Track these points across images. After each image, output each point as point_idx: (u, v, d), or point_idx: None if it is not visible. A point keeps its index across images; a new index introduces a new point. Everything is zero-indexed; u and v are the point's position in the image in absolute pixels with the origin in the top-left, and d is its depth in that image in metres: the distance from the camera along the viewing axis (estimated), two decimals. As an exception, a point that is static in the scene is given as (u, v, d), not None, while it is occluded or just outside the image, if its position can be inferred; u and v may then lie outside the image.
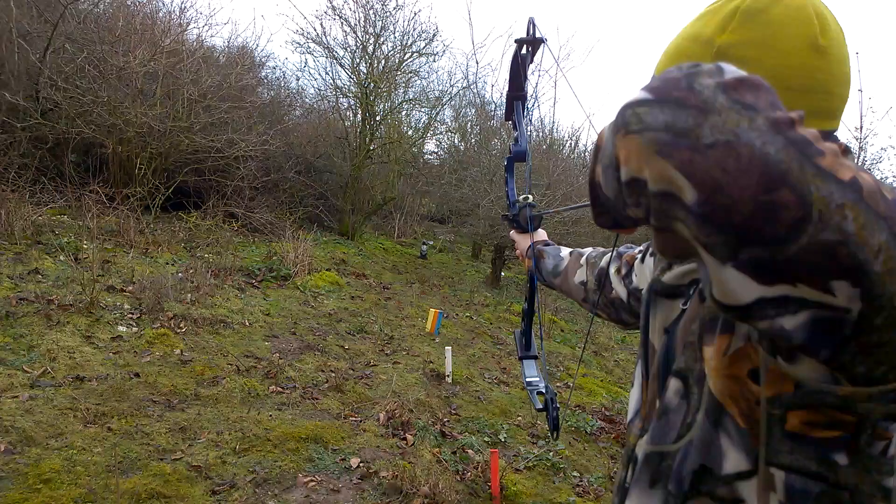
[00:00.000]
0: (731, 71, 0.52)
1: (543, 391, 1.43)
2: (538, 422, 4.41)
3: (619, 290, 1.20)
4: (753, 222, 0.47)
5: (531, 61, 1.49)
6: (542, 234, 1.60)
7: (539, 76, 15.18)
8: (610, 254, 1.26)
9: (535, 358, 1.61)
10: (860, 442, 0.61)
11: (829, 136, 0.76)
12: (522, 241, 1.61)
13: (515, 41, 1.48)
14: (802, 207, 0.47)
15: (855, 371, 0.56)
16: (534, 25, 1.44)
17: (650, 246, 1.04)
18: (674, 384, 0.76)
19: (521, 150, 1.50)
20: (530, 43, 1.46)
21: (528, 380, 1.53)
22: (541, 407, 1.39)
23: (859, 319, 0.51)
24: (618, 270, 1.22)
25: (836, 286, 0.49)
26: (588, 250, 1.41)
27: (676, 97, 0.50)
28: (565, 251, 1.48)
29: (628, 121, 0.52)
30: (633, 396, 0.92)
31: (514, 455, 3.85)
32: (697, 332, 0.74)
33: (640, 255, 1.12)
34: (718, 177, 0.47)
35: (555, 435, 1.37)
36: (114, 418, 3.25)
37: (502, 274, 10.31)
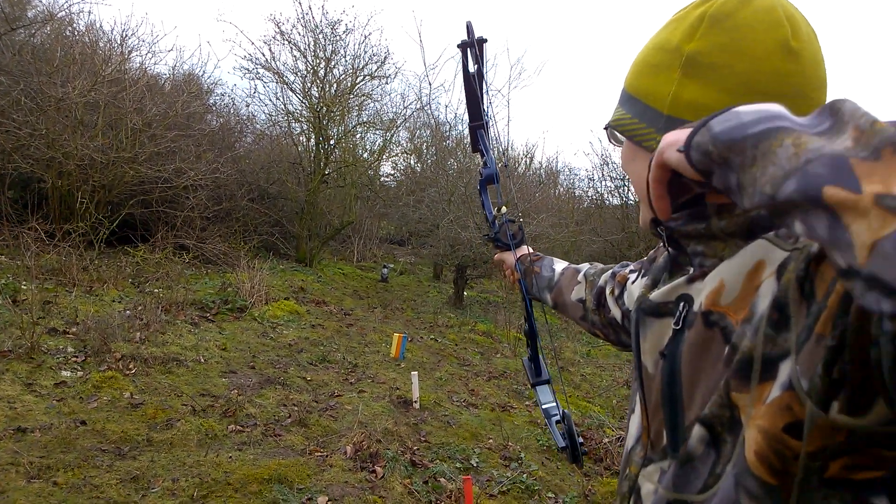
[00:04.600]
0: None
1: (561, 419, 1.36)
2: (509, 443, 4.32)
3: (615, 311, 1.14)
4: None
5: (483, 75, 1.51)
6: (525, 250, 1.54)
7: (492, 97, 15.40)
8: (610, 271, 1.20)
9: (549, 381, 1.53)
10: None
11: None
12: (509, 258, 1.55)
13: (458, 45, 1.50)
14: None
15: None
16: (470, 29, 1.47)
17: (643, 266, 0.98)
18: (698, 432, 0.69)
19: (490, 173, 1.54)
20: (471, 46, 1.48)
21: (544, 407, 1.44)
22: (563, 445, 1.30)
23: None
24: (612, 291, 1.16)
25: None
26: (584, 266, 1.34)
27: None
28: (559, 265, 1.41)
29: None
30: (634, 423, 0.85)
31: (488, 480, 3.74)
32: (724, 376, 0.65)
33: (632, 276, 1.05)
34: None
35: (580, 464, 1.30)
36: (59, 471, 3.02)
37: (465, 293, 10.25)
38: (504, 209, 1.49)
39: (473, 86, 1.53)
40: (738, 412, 0.63)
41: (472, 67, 1.51)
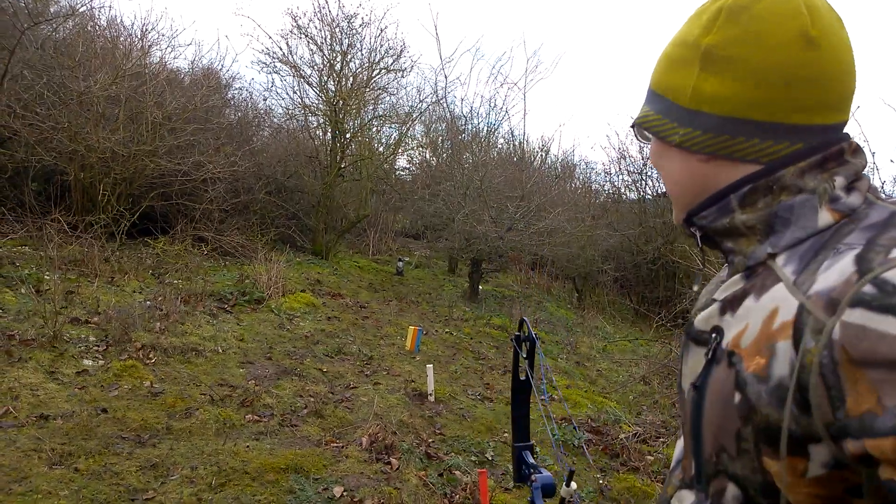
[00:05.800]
0: None
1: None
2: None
3: None
4: None
5: (531, 379, 1.42)
6: None
7: (508, 89, 15.25)
8: None
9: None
10: None
11: (834, 130, 0.71)
12: None
13: (511, 339, 1.44)
14: None
15: None
16: (527, 324, 1.43)
17: None
18: (732, 490, 0.71)
19: (549, 484, 1.27)
20: (527, 341, 1.43)
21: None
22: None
23: None
24: None
25: None
26: None
27: None
28: None
29: None
30: (679, 445, 0.87)
31: (503, 474, 3.75)
32: (752, 440, 0.66)
33: None
34: None
35: None
36: (80, 458, 3.07)
37: (480, 287, 10.24)
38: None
39: (524, 393, 1.40)
40: (771, 477, 0.65)
41: (521, 374, 1.38)
